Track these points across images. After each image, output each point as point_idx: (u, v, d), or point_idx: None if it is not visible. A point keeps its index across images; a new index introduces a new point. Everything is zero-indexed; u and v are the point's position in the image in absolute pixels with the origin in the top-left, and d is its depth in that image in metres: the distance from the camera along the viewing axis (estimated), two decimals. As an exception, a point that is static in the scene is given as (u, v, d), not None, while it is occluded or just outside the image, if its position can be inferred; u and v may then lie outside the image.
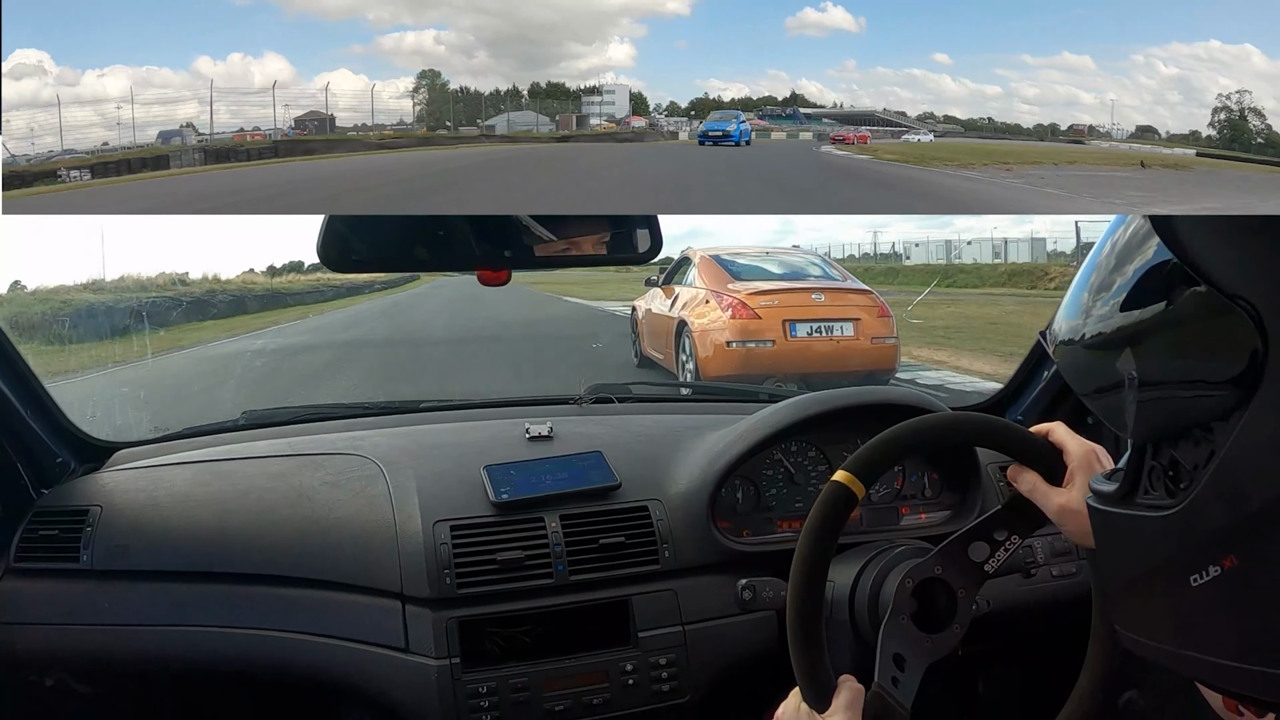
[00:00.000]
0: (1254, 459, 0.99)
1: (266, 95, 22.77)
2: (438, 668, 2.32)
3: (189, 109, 21.31)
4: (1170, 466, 1.09)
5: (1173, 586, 1.08)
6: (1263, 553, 1.00)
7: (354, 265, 1.81)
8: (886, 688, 1.85)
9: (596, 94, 25.03)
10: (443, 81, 24.55)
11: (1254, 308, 0.97)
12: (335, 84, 23.73)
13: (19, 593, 2.51)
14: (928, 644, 1.91)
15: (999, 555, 1.90)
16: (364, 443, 2.78)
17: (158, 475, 2.70)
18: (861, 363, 9.15)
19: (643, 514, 2.55)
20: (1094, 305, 1.16)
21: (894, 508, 2.75)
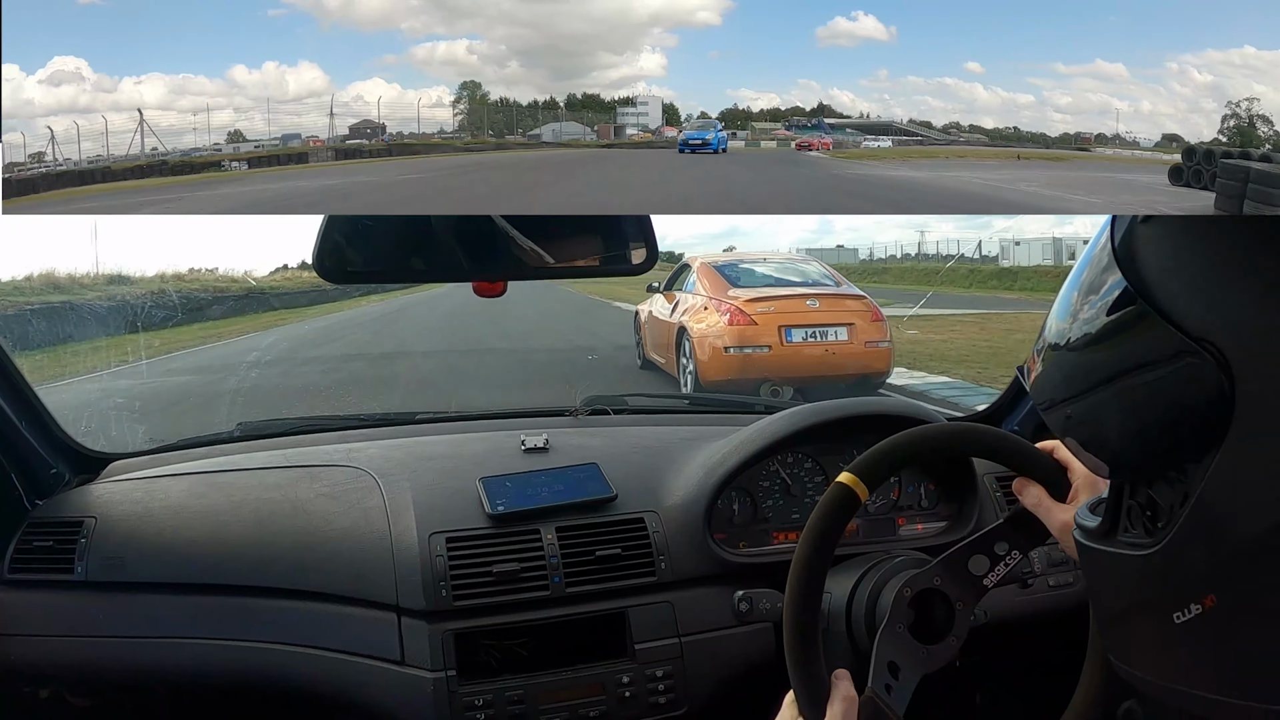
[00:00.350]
0: (1228, 500, 0.99)
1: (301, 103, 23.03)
2: (433, 680, 2.31)
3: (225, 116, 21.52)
4: (1148, 505, 1.10)
5: (1156, 623, 1.08)
6: (1243, 592, 1.00)
7: (349, 276, 1.81)
8: (880, 694, 1.84)
9: (631, 105, 25.60)
10: (483, 93, 25.10)
11: (1220, 351, 0.97)
12: (368, 93, 23.99)
13: (13, 604, 2.50)
14: (923, 654, 1.91)
15: (999, 570, 1.90)
16: (360, 455, 2.77)
17: (152, 487, 2.69)
18: (856, 366, 9.53)
19: (639, 526, 2.54)
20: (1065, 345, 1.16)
21: (891, 518, 2.75)
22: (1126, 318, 1.05)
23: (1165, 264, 1.05)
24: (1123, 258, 1.07)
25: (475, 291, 1.84)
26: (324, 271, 1.74)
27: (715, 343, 9.52)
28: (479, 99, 25.00)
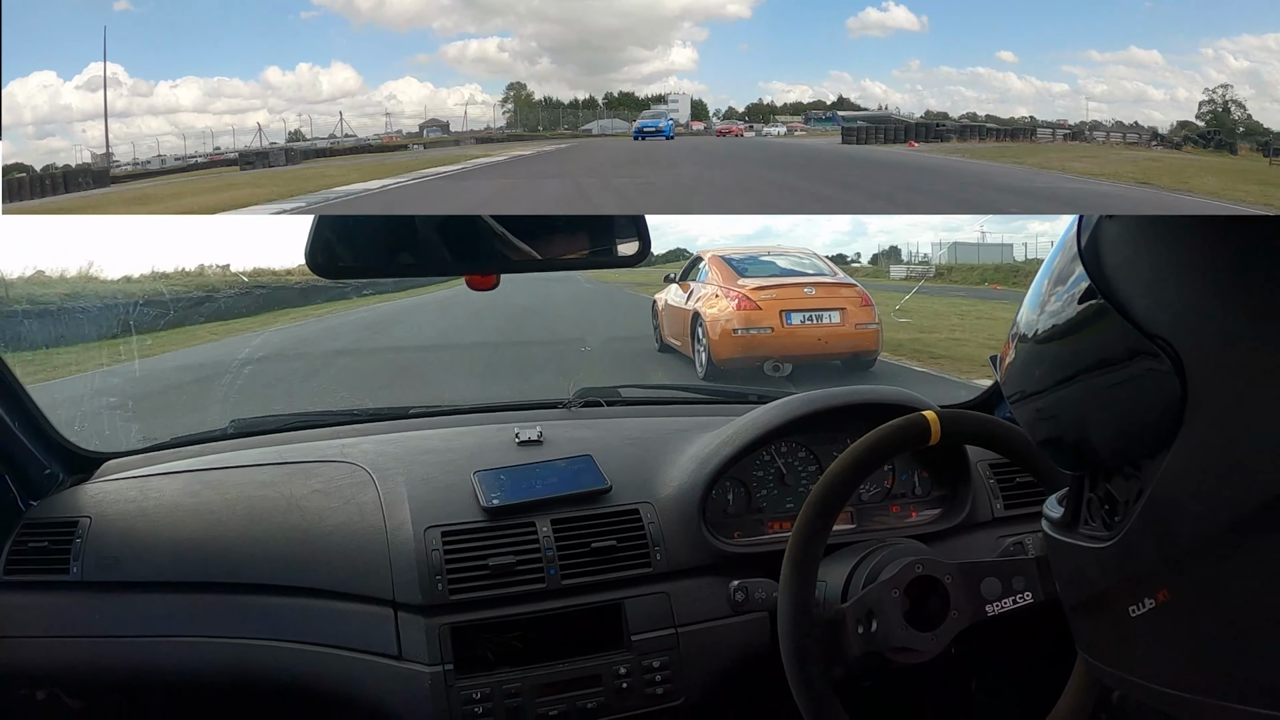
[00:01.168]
0: (1180, 497, 1.01)
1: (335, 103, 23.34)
2: (431, 674, 2.31)
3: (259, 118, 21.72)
4: (1106, 499, 1.11)
5: (1114, 616, 1.10)
6: (1193, 588, 1.01)
7: (340, 271, 1.81)
8: (851, 615, 1.96)
9: (663, 102, 26.72)
10: (528, 93, 26.10)
11: (1173, 349, 0.99)
12: (401, 92, 24.25)
13: (8, 606, 2.50)
14: (902, 629, 1.94)
15: (1006, 603, 1.92)
16: (354, 450, 2.77)
17: (147, 485, 2.69)
18: (847, 345, 10.75)
19: (634, 517, 2.54)
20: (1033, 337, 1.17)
21: (884, 506, 2.75)
22: (1088, 313, 1.07)
23: (1124, 262, 1.06)
24: (1087, 254, 1.09)
25: (468, 285, 1.84)
26: (316, 267, 1.74)
27: (725, 325, 10.61)
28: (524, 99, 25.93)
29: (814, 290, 11.05)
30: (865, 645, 1.95)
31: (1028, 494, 2.74)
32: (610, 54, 29.86)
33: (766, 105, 27.02)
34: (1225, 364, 0.97)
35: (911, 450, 2.05)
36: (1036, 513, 2.21)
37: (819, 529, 1.91)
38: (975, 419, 2.02)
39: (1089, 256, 1.08)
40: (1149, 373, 1.00)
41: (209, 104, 21.34)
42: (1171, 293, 1.02)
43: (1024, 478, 2.71)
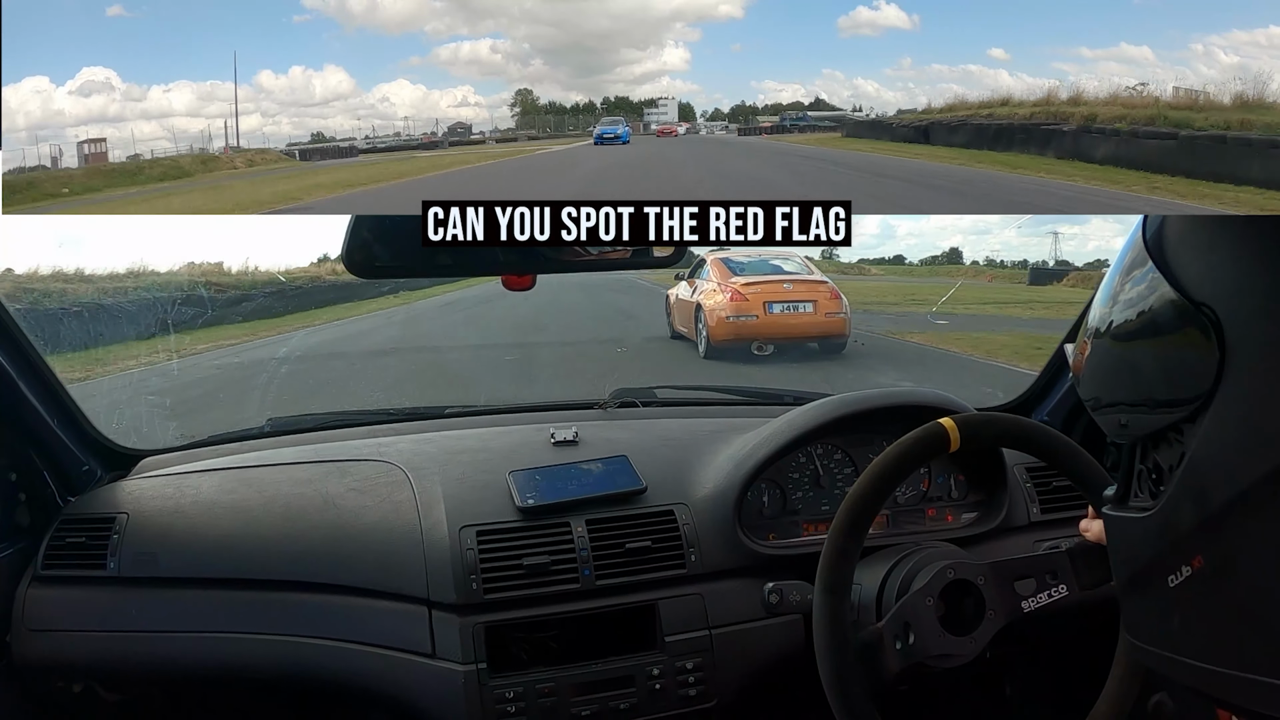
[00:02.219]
0: (1214, 460, 1.04)
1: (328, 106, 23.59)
2: (464, 673, 2.31)
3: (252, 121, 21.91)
4: (1154, 470, 1.14)
5: (1154, 589, 1.12)
6: (1224, 553, 1.04)
7: (377, 271, 1.81)
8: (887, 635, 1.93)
9: (654, 105, 28.33)
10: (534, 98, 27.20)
11: (1215, 314, 1.03)
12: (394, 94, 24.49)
13: (46, 600, 2.53)
14: (939, 636, 1.93)
15: (1042, 598, 1.91)
16: (390, 449, 2.77)
17: (184, 482, 2.71)
18: (819, 330, 12.86)
19: (669, 518, 2.54)
20: (1101, 313, 1.20)
21: (920, 509, 2.74)
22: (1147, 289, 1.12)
23: (1180, 245, 1.11)
24: (1152, 245, 1.13)
25: (504, 285, 1.84)
26: (353, 267, 1.75)
27: (720, 314, 12.72)
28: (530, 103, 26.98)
29: (791, 286, 13.20)
30: (904, 660, 1.93)
31: (1065, 498, 2.72)
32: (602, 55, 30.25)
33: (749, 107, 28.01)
34: (1260, 335, 1.01)
35: (934, 459, 2.04)
36: (1074, 517, 2.19)
37: (848, 549, 1.90)
38: (999, 422, 2.00)
39: (1150, 228, 1.14)
40: (1194, 338, 1.04)
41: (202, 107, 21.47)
42: (1215, 258, 1.07)
43: (1061, 481, 2.69)
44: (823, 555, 1.91)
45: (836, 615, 1.88)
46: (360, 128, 23.10)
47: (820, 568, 1.90)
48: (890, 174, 15.17)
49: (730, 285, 12.97)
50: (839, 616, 1.88)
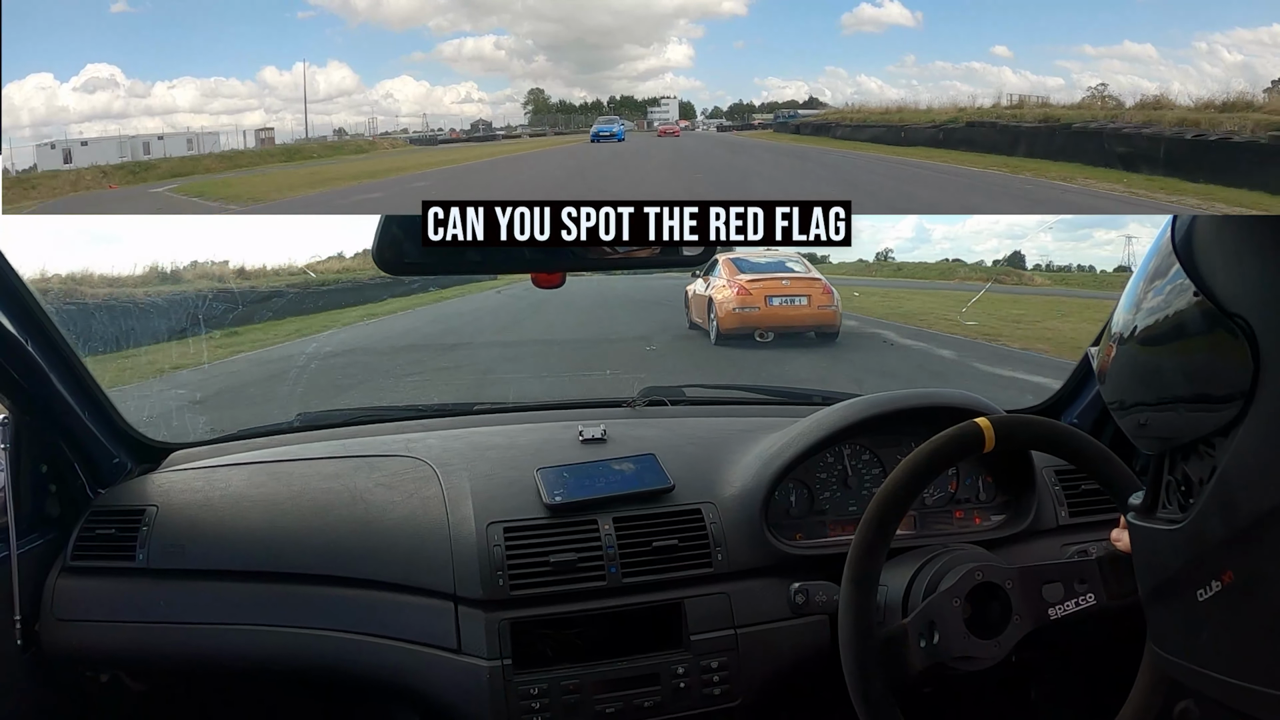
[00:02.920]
0: (1246, 474, 1.03)
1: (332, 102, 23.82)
2: (489, 669, 2.32)
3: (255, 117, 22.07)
4: (1183, 481, 1.13)
5: (1182, 601, 1.11)
6: (1256, 568, 1.03)
7: (407, 268, 1.82)
8: (912, 632, 1.92)
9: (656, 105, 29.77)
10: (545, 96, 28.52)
11: (1248, 325, 1.01)
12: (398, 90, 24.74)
13: (75, 590, 2.55)
14: (964, 637, 1.92)
15: (1069, 605, 1.90)
16: (418, 445, 2.78)
17: (213, 476, 2.73)
18: (812, 321, 14.63)
19: (696, 517, 2.53)
20: (1125, 318, 1.19)
21: (948, 511, 2.73)
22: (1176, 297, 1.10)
23: (1209, 250, 1.09)
24: (1180, 249, 1.11)
25: (534, 283, 1.85)
26: (383, 264, 1.75)
27: (728, 306, 14.38)
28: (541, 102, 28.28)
29: (789, 282, 14.84)
30: (927, 658, 1.92)
31: (1094, 501, 2.70)
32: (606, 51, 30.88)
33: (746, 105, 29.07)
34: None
35: (967, 459, 2.03)
36: (1102, 521, 2.18)
37: (877, 544, 1.90)
38: (1033, 424, 1.99)
39: (1182, 251, 1.11)
40: (1226, 348, 1.02)
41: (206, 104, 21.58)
42: (1249, 268, 1.05)
43: (1090, 484, 2.66)
44: (851, 548, 1.90)
45: (862, 608, 1.87)
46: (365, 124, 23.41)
47: (848, 561, 1.90)
48: (804, 156, 18.27)
49: (737, 281, 14.62)
50: (865, 610, 1.88)
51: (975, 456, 1.94)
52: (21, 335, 2.38)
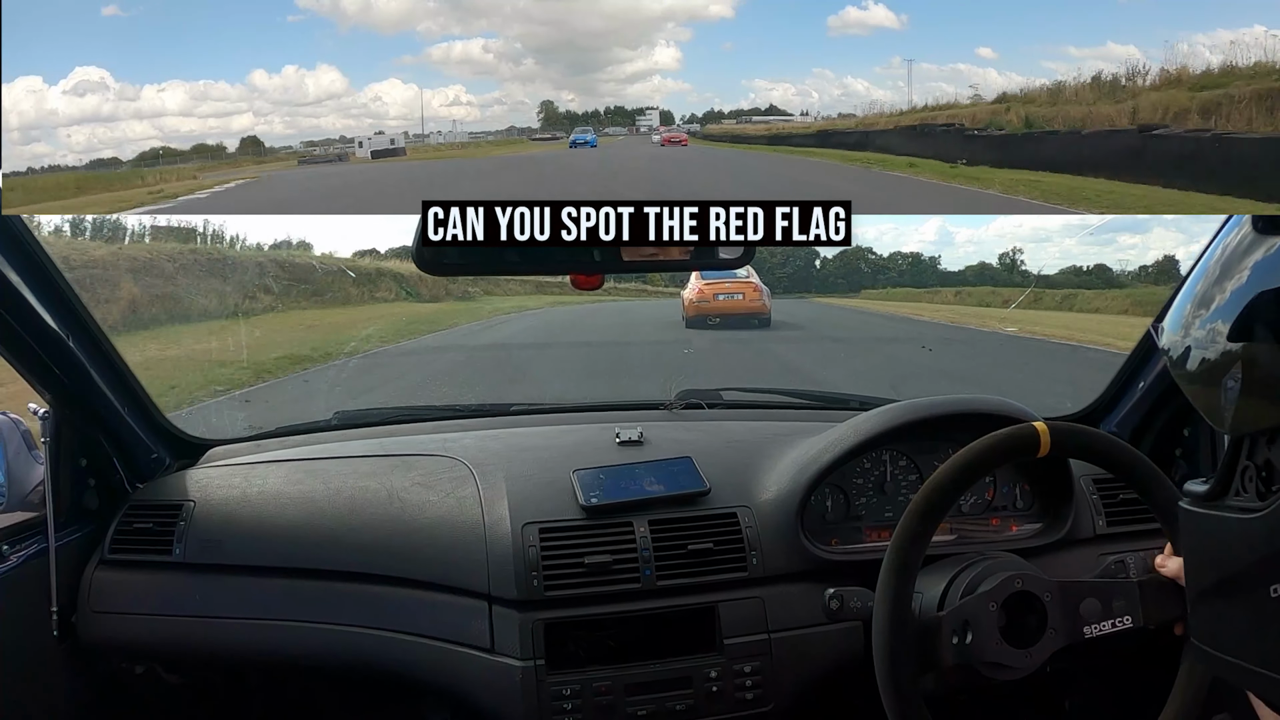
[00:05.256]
0: None
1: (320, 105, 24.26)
2: (522, 669, 2.32)
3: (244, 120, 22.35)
4: (1264, 467, 1.08)
5: (1252, 596, 1.06)
6: None
7: (445, 268, 1.82)
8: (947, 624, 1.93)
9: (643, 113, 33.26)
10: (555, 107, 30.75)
11: None
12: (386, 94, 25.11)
13: (112, 583, 2.58)
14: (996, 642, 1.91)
15: (1105, 626, 1.89)
16: (455, 445, 2.79)
17: (250, 472, 2.74)
18: (747, 310, 19.01)
19: (731, 520, 2.53)
20: (1204, 300, 1.15)
21: (984, 519, 2.71)
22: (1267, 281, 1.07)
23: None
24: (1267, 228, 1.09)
25: (573, 284, 1.85)
26: (422, 264, 1.76)
27: (691, 299, 18.95)
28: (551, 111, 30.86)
29: (730, 283, 18.75)
30: (958, 656, 1.92)
31: (1132, 511, 2.68)
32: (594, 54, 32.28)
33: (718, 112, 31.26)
34: None
35: (1018, 460, 2.02)
36: (1140, 530, 2.16)
37: (922, 532, 1.89)
38: (1087, 435, 1.97)
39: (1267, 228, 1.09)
40: None
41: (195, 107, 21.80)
42: None
43: (1128, 494, 2.65)
44: (894, 536, 1.90)
45: (900, 596, 1.87)
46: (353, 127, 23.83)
47: (890, 548, 1.90)
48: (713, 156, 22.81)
49: (698, 285, 19.07)
50: (903, 598, 1.87)
51: (1025, 459, 1.93)
52: (63, 331, 2.40)
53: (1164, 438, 2.95)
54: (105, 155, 19.63)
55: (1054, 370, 13.17)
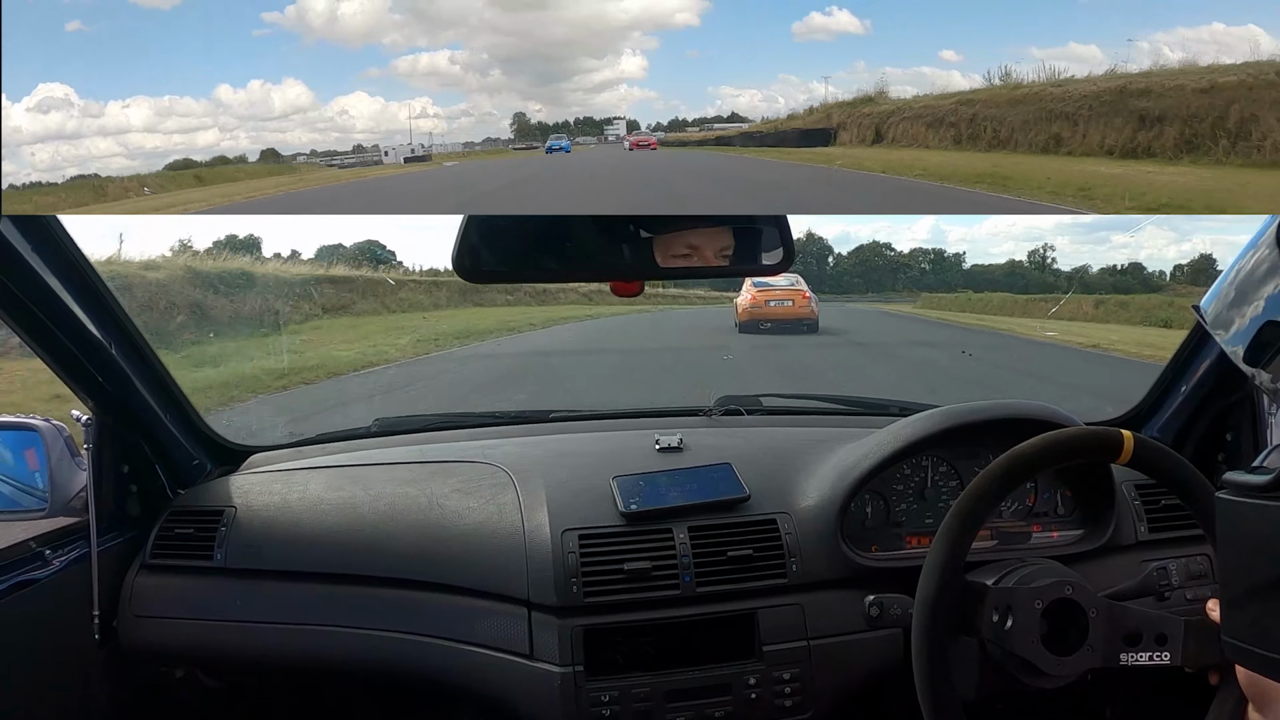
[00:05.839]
0: None
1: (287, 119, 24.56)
2: (561, 675, 2.32)
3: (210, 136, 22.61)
4: None
5: None
6: None
7: (485, 275, 1.83)
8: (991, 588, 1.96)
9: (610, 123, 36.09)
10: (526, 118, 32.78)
11: None
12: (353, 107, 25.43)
13: (153, 587, 2.60)
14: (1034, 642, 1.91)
15: (1142, 658, 1.87)
16: (494, 451, 2.79)
17: (291, 479, 2.76)
18: (796, 315, 21.54)
19: (771, 527, 2.52)
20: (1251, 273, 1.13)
21: (1025, 525, 2.69)
22: None
23: None
24: None
25: (613, 291, 1.85)
26: (462, 271, 1.76)
27: (744, 305, 21.74)
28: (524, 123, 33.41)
29: (781, 291, 21.66)
30: (993, 634, 1.93)
31: (1174, 517, 2.66)
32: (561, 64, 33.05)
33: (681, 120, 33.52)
34: None
35: (1094, 461, 2.00)
36: (1183, 537, 2.15)
37: (993, 493, 1.88)
38: (1167, 456, 1.94)
39: None
40: None
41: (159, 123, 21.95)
42: None
43: (1170, 500, 2.62)
44: (965, 491, 1.91)
45: (949, 562, 1.87)
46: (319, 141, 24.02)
47: (957, 502, 1.91)
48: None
49: (749, 291, 21.90)
50: (959, 548, 1.88)
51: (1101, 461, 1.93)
52: (105, 339, 2.42)
53: (1207, 442, 2.93)
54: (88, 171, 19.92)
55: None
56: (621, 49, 33.16)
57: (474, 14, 27.64)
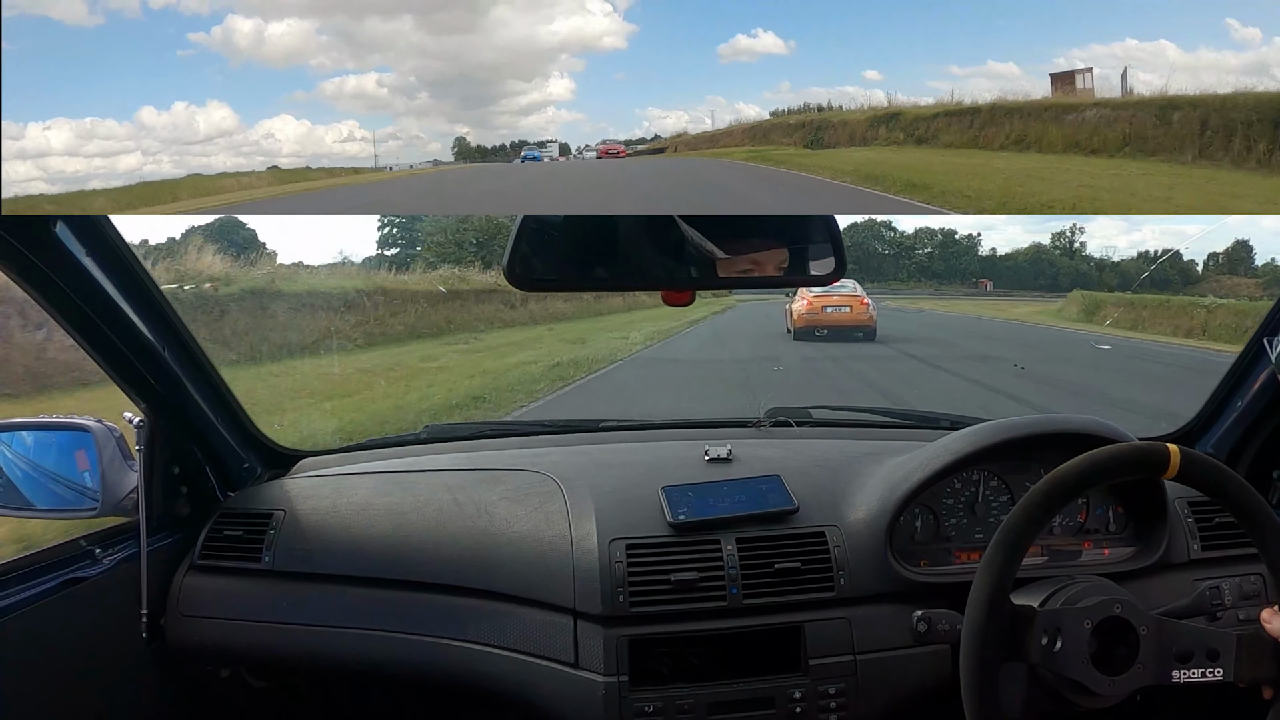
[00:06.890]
0: None
1: (211, 143, 24.66)
2: (606, 685, 2.32)
3: (132, 160, 22.46)
4: None
5: None
6: None
7: (536, 284, 1.83)
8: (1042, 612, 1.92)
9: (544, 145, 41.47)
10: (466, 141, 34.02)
11: None
12: (278, 130, 25.43)
13: (202, 588, 2.62)
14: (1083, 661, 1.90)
15: (1195, 674, 1.86)
16: (543, 459, 2.80)
17: (340, 484, 2.77)
18: (853, 322, 21.26)
19: (819, 540, 2.50)
20: None
21: (1077, 542, 2.67)
22: None
23: None
24: None
25: (665, 300, 1.85)
26: (514, 279, 1.76)
27: (800, 311, 21.17)
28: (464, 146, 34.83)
29: (839, 297, 21.06)
30: (1042, 657, 1.90)
31: (1228, 535, 2.62)
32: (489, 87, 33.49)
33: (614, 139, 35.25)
34: None
35: (1140, 477, 1.98)
36: (1236, 555, 2.12)
37: (1036, 518, 1.87)
38: (1214, 469, 1.93)
39: None
40: None
41: (81, 146, 21.86)
42: None
43: (1224, 517, 2.59)
44: (1009, 517, 1.89)
45: (1004, 573, 1.86)
46: (244, 165, 23.93)
47: (1002, 527, 1.90)
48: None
49: (805, 297, 21.10)
50: (1003, 581, 1.86)
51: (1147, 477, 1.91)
52: (159, 342, 2.44)
53: (1263, 458, 2.89)
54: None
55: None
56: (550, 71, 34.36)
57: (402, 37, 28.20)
